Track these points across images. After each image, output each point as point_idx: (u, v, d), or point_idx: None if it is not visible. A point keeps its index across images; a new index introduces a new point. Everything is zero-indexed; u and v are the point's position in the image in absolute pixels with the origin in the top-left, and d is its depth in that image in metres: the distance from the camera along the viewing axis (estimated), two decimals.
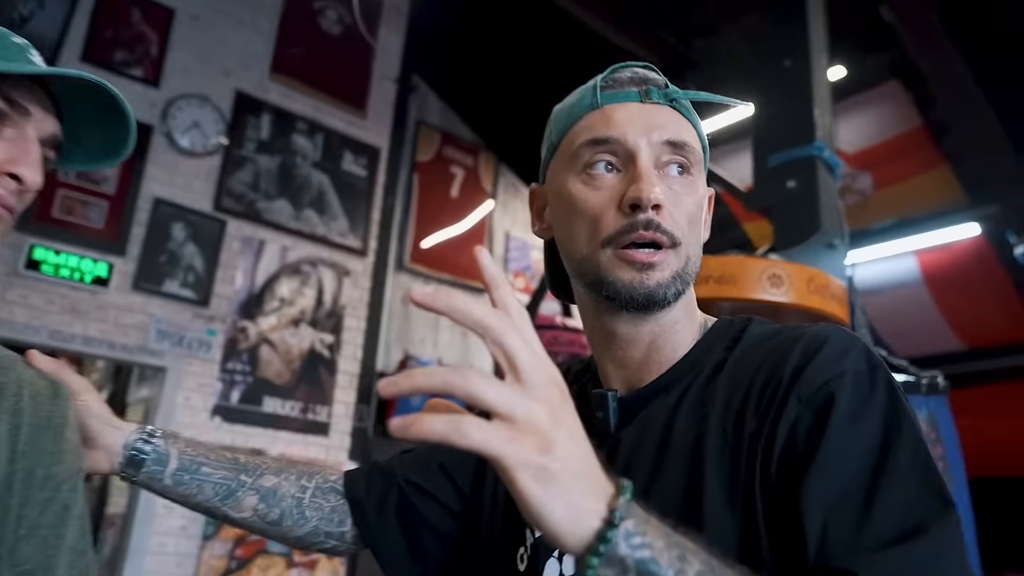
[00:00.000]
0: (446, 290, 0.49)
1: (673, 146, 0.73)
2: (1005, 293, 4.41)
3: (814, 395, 0.62)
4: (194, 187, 3.88)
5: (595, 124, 0.75)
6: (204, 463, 0.88)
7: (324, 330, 4.16)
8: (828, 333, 0.67)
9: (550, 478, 0.46)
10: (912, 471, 0.58)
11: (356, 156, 4.46)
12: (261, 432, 3.82)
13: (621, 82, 0.77)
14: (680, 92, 0.76)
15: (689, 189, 0.74)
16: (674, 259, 0.72)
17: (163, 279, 3.68)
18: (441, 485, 0.91)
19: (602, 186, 0.74)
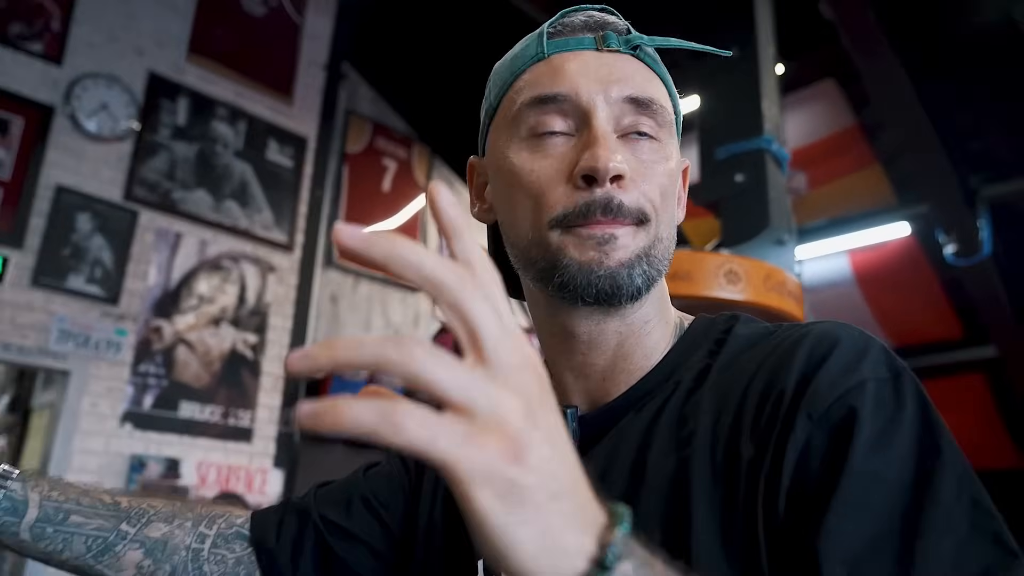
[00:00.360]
0: (387, 234, 0.35)
1: (637, 104, 0.60)
2: (933, 292, 4.50)
3: (828, 412, 0.49)
4: (102, 174, 3.58)
5: (540, 78, 0.62)
6: (73, 511, 0.70)
7: (247, 330, 3.91)
8: (837, 333, 0.54)
9: (520, 497, 0.33)
10: (960, 508, 0.45)
11: (282, 145, 4.22)
12: (177, 439, 3.56)
13: (573, 27, 0.63)
14: (646, 38, 0.62)
15: (659, 156, 0.61)
16: (642, 236, 0.58)
17: (66, 274, 3.38)
18: (366, 524, 0.75)
19: (550, 154, 0.60)
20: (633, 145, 0.60)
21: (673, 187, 0.62)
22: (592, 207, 0.57)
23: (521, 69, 0.64)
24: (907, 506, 0.45)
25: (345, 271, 4.49)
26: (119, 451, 3.38)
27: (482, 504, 0.32)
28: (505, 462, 0.33)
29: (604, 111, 0.59)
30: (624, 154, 0.59)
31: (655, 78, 0.63)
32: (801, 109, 4.18)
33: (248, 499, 3.66)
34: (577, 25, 0.63)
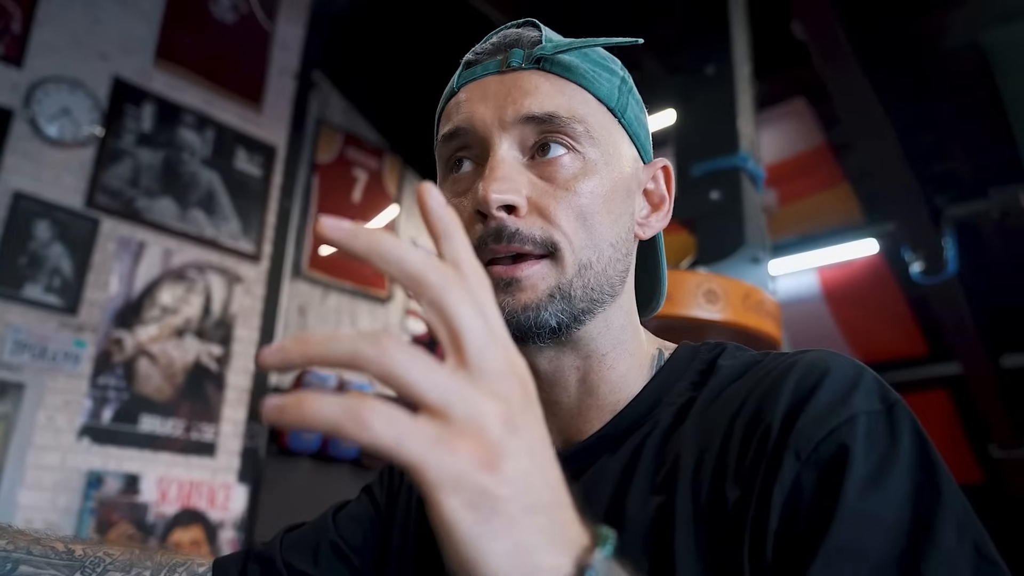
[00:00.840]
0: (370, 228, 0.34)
1: (539, 121, 0.56)
2: (899, 310, 4.57)
3: (817, 449, 0.46)
4: (62, 181, 3.47)
5: (449, 113, 0.61)
6: (23, 560, 0.65)
7: (212, 341, 3.82)
8: (827, 362, 0.51)
9: (492, 508, 0.31)
10: (962, 555, 0.42)
11: (250, 154, 4.15)
12: (137, 454, 3.45)
13: (484, 52, 0.61)
14: (550, 46, 0.58)
15: (577, 172, 0.56)
16: (551, 270, 0.54)
17: (23, 283, 3.26)
18: (336, 572, 0.71)
19: (463, 190, 0.58)
20: (544, 166, 0.56)
21: (606, 203, 0.57)
22: (484, 239, 0.54)
23: (443, 108, 0.63)
24: (904, 551, 0.42)
25: (314, 282, 4.41)
26: (76, 466, 3.26)
27: (450, 513, 0.30)
28: (478, 470, 0.31)
29: (504, 137, 0.56)
30: (528, 177, 0.55)
31: (570, 86, 0.58)
32: (772, 127, 4.22)
33: (210, 515, 3.56)
34: (488, 50, 0.61)
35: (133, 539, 3.32)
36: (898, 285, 4.46)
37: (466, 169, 0.59)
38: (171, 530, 3.43)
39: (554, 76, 0.58)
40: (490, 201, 0.53)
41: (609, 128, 0.59)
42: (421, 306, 0.33)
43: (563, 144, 0.57)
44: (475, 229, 0.56)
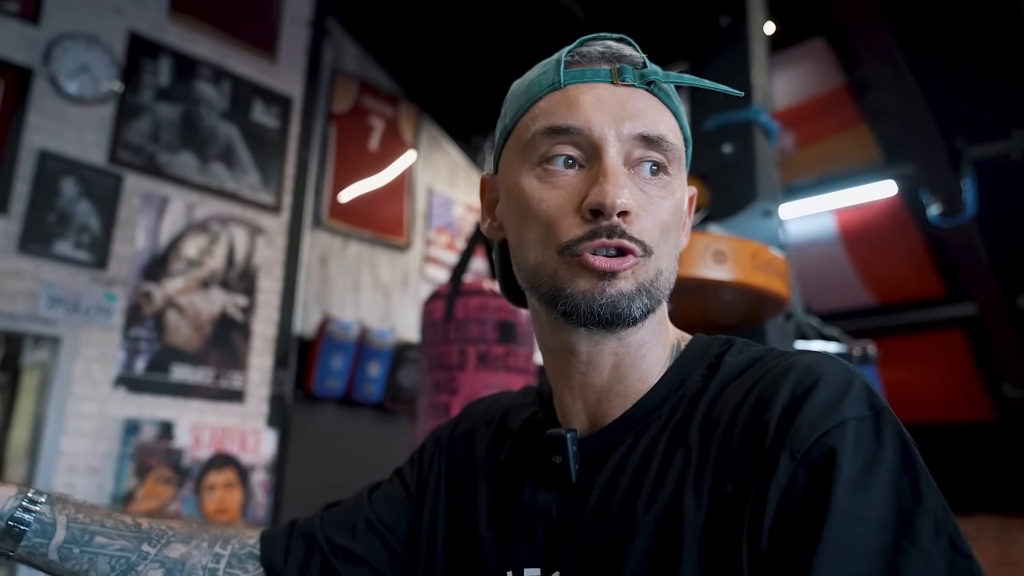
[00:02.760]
0: None
1: (648, 141, 0.61)
2: (916, 251, 4.56)
3: (810, 451, 0.52)
4: (85, 138, 3.54)
5: (555, 108, 0.63)
6: (98, 532, 0.72)
7: (237, 292, 3.93)
8: (821, 369, 0.56)
9: None
10: (938, 549, 0.48)
11: (267, 106, 4.17)
12: (170, 402, 3.60)
13: (590, 58, 0.64)
14: (661, 74, 0.63)
15: (664, 192, 0.62)
16: (642, 270, 0.61)
17: (53, 240, 3.36)
18: (372, 547, 0.78)
19: (561, 184, 0.62)
20: (641, 180, 0.62)
21: (677, 221, 0.64)
22: (598, 231, 0.59)
23: (537, 96, 0.65)
24: (887, 546, 0.48)
25: (334, 232, 4.48)
26: (113, 415, 3.42)
27: None
28: None
29: (615, 146, 0.61)
30: (632, 188, 0.60)
31: (667, 113, 0.64)
32: (789, 69, 4.16)
33: (242, 459, 3.72)
34: (594, 56, 0.64)
35: (171, 482, 3.49)
36: (916, 227, 4.44)
37: (564, 166, 0.63)
38: (206, 473, 3.60)
39: (658, 101, 0.63)
40: (616, 206, 0.58)
41: (682, 155, 0.66)
42: None
43: (660, 165, 0.62)
44: (575, 222, 0.61)
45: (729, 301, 1.93)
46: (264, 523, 3.72)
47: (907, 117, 3.82)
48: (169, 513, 3.45)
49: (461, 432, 0.83)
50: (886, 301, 4.98)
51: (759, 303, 1.90)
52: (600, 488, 0.63)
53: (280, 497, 3.87)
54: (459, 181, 5.26)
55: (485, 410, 0.84)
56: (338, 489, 3.50)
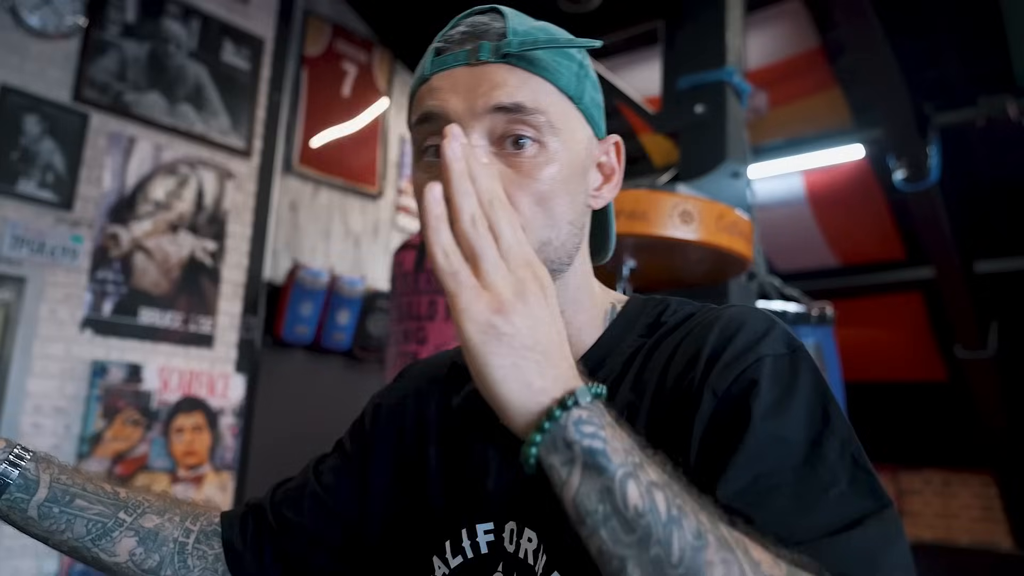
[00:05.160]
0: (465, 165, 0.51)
1: (506, 111, 0.61)
2: (880, 214, 4.65)
3: (730, 388, 0.56)
4: (48, 74, 3.44)
5: (422, 99, 0.65)
6: (78, 495, 0.75)
7: (205, 236, 3.90)
8: (744, 317, 0.62)
9: (499, 338, 0.47)
10: (842, 465, 0.54)
11: (238, 47, 4.08)
12: (138, 345, 3.59)
13: (453, 42, 0.65)
14: (516, 44, 0.63)
15: (538, 161, 0.62)
16: None
17: (16, 178, 3.30)
18: (319, 521, 0.81)
19: (436, 173, 0.62)
20: (511, 157, 0.62)
21: (564, 186, 0.64)
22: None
23: (415, 90, 0.67)
24: (798, 462, 0.53)
25: (305, 178, 4.44)
26: (80, 356, 3.41)
27: (469, 335, 0.47)
28: (491, 312, 0.47)
29: (472, 126, 0.61)
30: (497, 167, 0.61)
31: (534, 79, 0.63)
32: (765, 28, 4.16)
33: (211, 402, 3.75)
34: (456, 39, 0.65)
35: (139, 424, 3.51)
36: (881, 191, 4.53)
37: (436, 155, 0.64)
38: (174, 416, 3.63)
39: (519, 70, 0.63)
40: None
41: (568, 115, 0.65)
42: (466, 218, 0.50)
43: (527, 135, 0.62)
44: None
45: (694, 260, 1.98)
46: (232, 466, 3.77)
47: (879, 81, 3.86)
48: (137, 455, 3.48)
49: (403, 395, 0.84)
50: (848, 262, 5.09)
51: (723, 263, 1.96)
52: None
53: (248, 441, 3.91)
54: None
55: (426, 370, 0.85)
56: (306, 435, 3.59)
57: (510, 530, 0.66)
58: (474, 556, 0.68)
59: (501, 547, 0.67)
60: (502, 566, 0.66)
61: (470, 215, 0.50)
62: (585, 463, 0.46)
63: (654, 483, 0.46)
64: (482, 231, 0.50)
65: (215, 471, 3.71)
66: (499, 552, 0.67)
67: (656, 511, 0.45)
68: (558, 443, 0.46)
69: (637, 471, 0.46)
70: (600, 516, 0.45)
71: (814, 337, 2.22)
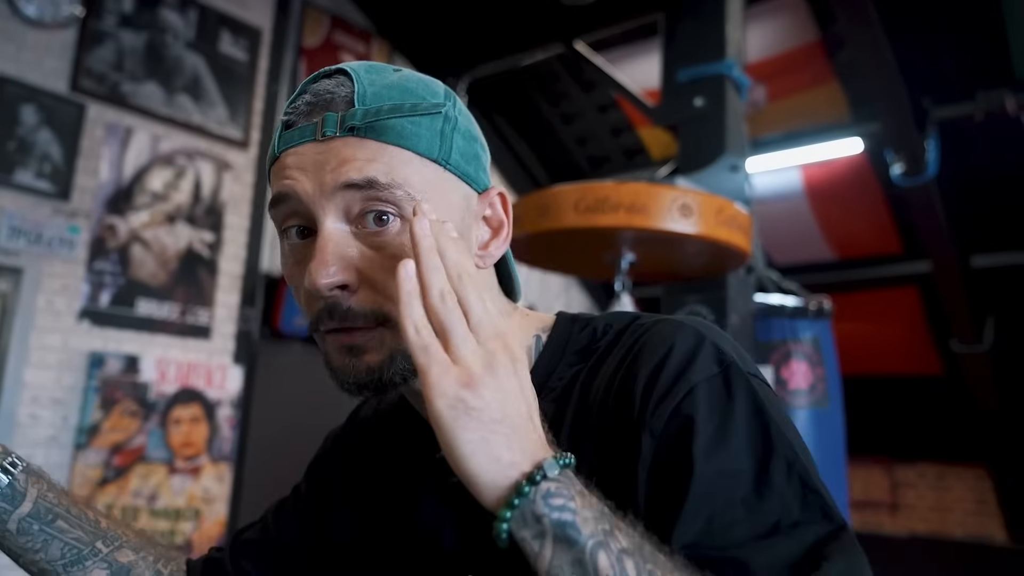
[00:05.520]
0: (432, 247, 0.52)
1: (358, 188, 0.56)
2: (878, 209, 4.66)
3: (666, 427, 0.54)
4: (45, 64, 3.43)
5: (275, 177, 0.61)
6: (62, 515, 0.73)
7: (203, 228, 3.89)
8: (670, 338, 0.58)
9: (467, 412, 0.47)
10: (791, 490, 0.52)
11: (235, 37, 4.06)
12: (135, 336, 3.59)
13: (299, 114, 0.60)
14: (359, 116, 0.57)
15: (403, 239, 0.57)
16: (387, 336, 0.58)
17: (13, 168, 3.29)
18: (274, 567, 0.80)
19: (300, 258, 0.61)
20: (372, 236, 0.58)
21: None
22: (320, 316, 0.59)
23: (269, 167, 0.63)
24: (747, 492, 0.52)
25: None
26: (77, 347, 3.41)
27: (437, 408, 0.47)
28: (460, 386, 0.48)
29: (328, 206, 0.57)
30: (359, 249, 0.58)
31: (386, 149, 0.58)
32: (765, 21, 4.16)
33: (208, 394, 3.75)
34: (302, 110, 0.60)
35: (136, 415, 3.51)
36: (879, 185, 4.53)
37: (298, 238, 0.61)
38: (171, 407, 3.63)
39: (370, 141, 0.58)
40: (319, 287, 0.56)
41: (434, 180, 0.60)
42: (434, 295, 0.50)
43: (387, 212, 0.58)
44: (312, 300, 0.59)
45: (693, 254, 1.98)
46: (230, 457, 3.77)
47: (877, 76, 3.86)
48: (135, 446, 3.48)
49: (353, 438, 0.82)
50: (845, 256, 5.10)
51: (722, 256, 1.96)
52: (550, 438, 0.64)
53: (246, 432, 3.91)
54: None
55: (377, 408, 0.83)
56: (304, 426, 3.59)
57: None
58: None
59: None
60: None
61: (439, 290, 0.50)
62: (555, 536, 0.46)
63: (624, 550, 0.46)
64: (451, 306, 0.50)
65: (213, 462, 3.71)
66: None
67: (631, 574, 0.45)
68: (527, 518, 0.47)
69: (607, 539, 0.46)
70: None
71: (812, 331, 2.22)
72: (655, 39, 3.32)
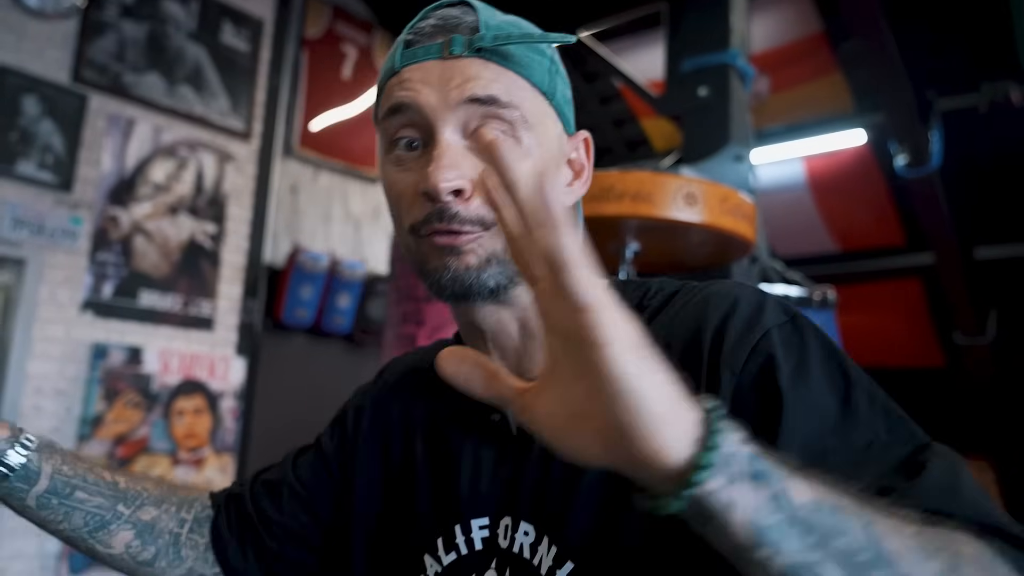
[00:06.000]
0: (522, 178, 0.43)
1: (480, 103, 0.61)
2: (881, 200, 4.64)
3: (747, 364, 0.56)
4: (47, 55, 3.42)
5: (393, 90, 0.64)
6: (79, 487, 0.74)
7: (205, 219, 3.89)
8: (734, 292, 0.61)
9: (644, 359, 0.40)
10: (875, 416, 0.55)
11: (237, 28, 4.05)
12: (138, 327, 3.59)
13: (423, 35, 0.64)
14: (489, 39, 0.62)
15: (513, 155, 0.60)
16: (490, 241, 0.62)
17: (15, 159, 3.28)
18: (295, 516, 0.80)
19: (407, 168, 0.64)
20: None
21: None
22: (430, 217, 0.61)
23: (384, 83, 0.67)
24: (836, 423, 0.54)
25: (305, 161, 4.42)
26: (80, 339, 3.41)
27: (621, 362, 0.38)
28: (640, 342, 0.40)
29: (448, 118, 0.61)
30: (472, 161, 0.61)
31: (507, 74, 0.63)
32: (768, 12, 4.14)
33: (211, 385, 3.75)
34: (427, 31, 0.64)
35: (139, 407, 3.52)
36: (882, 176, 4.52)
37: (408, 148, 0.64)
38: (175, 398, 3.63)
39: (493, 64, 0.62)
40: (440, 190, 0.59)
41: (541, 111, 0.65)
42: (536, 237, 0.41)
43: (503, 127, 0.62)
44: (420, 206, 0.62)
45: (697, 243, 1.98)
46: (233, 448, 3.78)
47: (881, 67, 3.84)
48: (138, 437, 3.48)
49: (385, 394, 0.83)
50: (848, 248, 5.09)
51: (726, 246, 1.96)
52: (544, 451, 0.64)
53: (249, 424, 3.92)
54: None
55: (409, 368, 0.83)
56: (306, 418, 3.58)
57: (505, 526, 0.65)
58: (468, 552, 0.67)
59: (495, 543, 0.65)
60: (495, 562, 0.65)
61: None
62: (751, 475, 0.41)
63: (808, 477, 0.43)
64: None
65: (216, 453, 3.72)
66: (493, 548, 0.66)
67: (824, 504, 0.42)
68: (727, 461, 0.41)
69: (792, 471, 0.43)
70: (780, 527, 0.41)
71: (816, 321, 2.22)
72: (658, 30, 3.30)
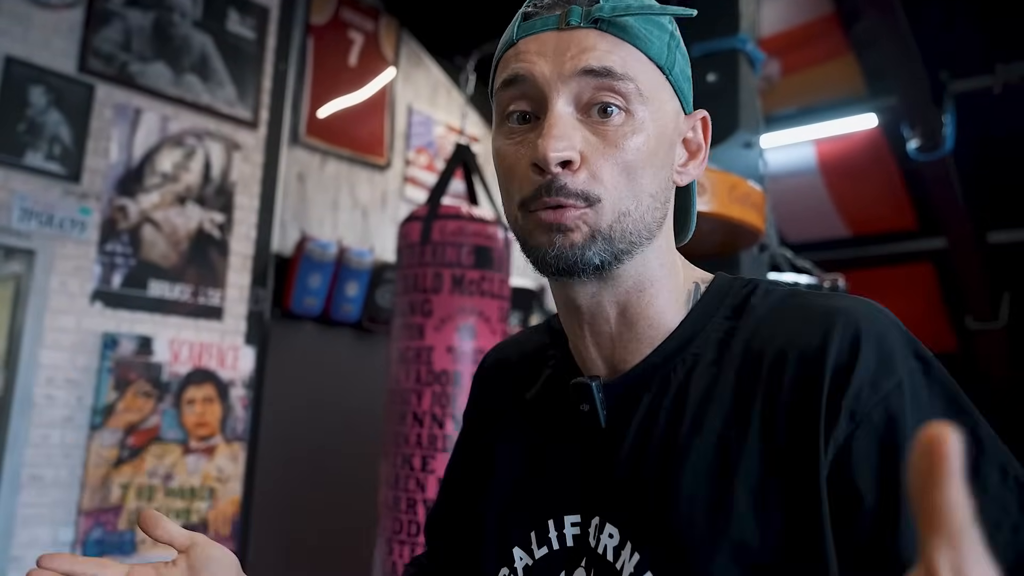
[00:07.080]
0: None
1: (595, 75, 0.59)
2: (893, 184, 4.60)
3: (870, 414, 0.53)
4: (53, 45, 3.41)
5: (508, 62, 0.64)
6: None
7: (213, 209, 3.89)
8: (858, 319, 0.57)
9: None
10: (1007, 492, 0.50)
11: (242, 16, 4.03)
12: (148, 317, 3.61)
13: (542, 6, 0.63)
14: (608, 10, 0.60)
15: (625, 130, 0.60)
16: (594, 217, 0.60)
17: (24, 150, 3.29)
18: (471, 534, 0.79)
19: (520, 139, 0.63)
20: (597, 124, 0.60)
21: (650, 158, 0.61)
22: (539, 191, 0.60)
23: (501, 55, 0.66)
24: None
25: (312, 149, 4.41)
26: (91, 329, 3.43)
27: None
28: None
29: (561, 90, 0.60)
30: (582, 134, 0.60)
31: (623, 46, 0.61)
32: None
33: (221, 374, 3.77)
34: (546, 3, 0.63)
35: (150, 396, 3.54)
36: (894, 160, 4.47)
37: (521, 121, 0.63)
38: (185, 388, 3.65)
39: (610, 36, 0.61)
40: (549, 160, 0.58)
41: (657, 85, 0.63)
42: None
43: (615, 103, 0.60)
44: (529, 180, 0.61)
45: (706, 232, 1.96)
46: (243, 437, 3.80)
47: (894, 49, 3.79)
48: (149, 426, 3.50)
49: (492, 375, 0.84)
50: (860, 233, 5.05)
51: (735, 235, 1.94)
52: (636, 429, 0.64)
53: (259, 412, 3.94)
54: (440, 100, 5.17)
55: (512, 351, 0.84)
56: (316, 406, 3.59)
57: (595, 524, 0.64)
58: (559, 548, 0.66)
59: (585, 541, 0.65)
60: (585, 561, 0.64)
61: None
62: None
63: None
64: None
65: (226, 442, 3.74)
66: (583, 547, 0.65)
67: None
68: None
69: None
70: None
71: None
72: None
